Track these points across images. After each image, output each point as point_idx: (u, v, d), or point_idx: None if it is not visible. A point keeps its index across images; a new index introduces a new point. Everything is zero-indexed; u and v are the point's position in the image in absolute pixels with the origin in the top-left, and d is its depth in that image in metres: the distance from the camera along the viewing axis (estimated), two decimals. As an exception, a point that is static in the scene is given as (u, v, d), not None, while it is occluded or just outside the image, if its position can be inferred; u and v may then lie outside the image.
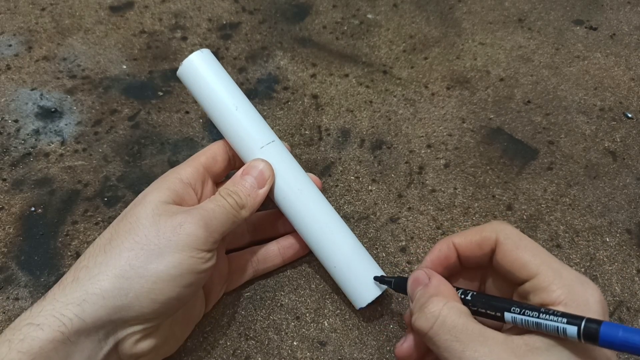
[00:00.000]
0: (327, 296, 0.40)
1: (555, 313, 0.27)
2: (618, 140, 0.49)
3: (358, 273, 0.37)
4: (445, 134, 0.50)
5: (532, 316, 0.27)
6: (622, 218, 0.44)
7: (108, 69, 0.54)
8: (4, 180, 0.46)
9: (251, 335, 0.38)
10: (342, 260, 0.37)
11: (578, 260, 0.42)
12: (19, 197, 0.45)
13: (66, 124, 0.50)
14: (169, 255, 0.31)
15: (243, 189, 0.35)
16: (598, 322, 0.25)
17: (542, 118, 0.51)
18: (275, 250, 0.40)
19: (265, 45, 0.57)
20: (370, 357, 0.37)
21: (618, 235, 0.43)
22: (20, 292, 0.40)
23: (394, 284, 0.35)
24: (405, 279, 0.34)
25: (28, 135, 0.49)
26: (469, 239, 0.32)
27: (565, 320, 0.26)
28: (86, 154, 0.48)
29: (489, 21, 0.60)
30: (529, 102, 0.52)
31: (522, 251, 0.30)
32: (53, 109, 0.51)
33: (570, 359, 0.26)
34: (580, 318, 0.26)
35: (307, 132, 0.50)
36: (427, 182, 0.46)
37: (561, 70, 0.55)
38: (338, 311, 0.39)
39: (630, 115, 0.51)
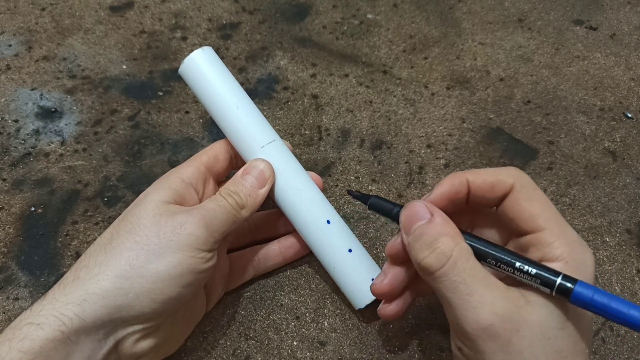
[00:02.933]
0: (327, 296, 0.40)
1: (529, 273, 0.28)
2: (618, 140, 0.49)
3: (358, 274, 0.37)
4: (445, 134, 0.50)
5: (508, 272, 0.29)
6: (622, 218, 0.44)
7: (108, 69, 0.54)
8: (4, 180, 0.46)
9: (251, 335, 0.38)
10: (341, 260, 0.37)
11: (578, 260, 0.42)
12: (19, 197, 0.45)
13: (66, 124, 0.50)
14: (169, 255, 0.31)
15: (243, 189, 0.35)
16: (573, 281, 0.26)
17: (542, 118, 0.51)
18: (276, 250, 0.40)
19: (265, 45, 0.57)
20: (370, 357, 0.37)
21: (618, 235, 0.43)
22: (20, 292, 0.40)
23: (370, 204, 0.34)
24: (383, 200, 0.34)
25: (28, 135, 0.49)
26: (483, 177, 0.31)
27: (538, 280, 0.27)
28: (86, 154, 0.48)
29: (489, 21, 0.60)
30: (529, 102, 0.52)
31: (534, 202, 0.29)
32: (53, 109, 0.51)
33: (560, 314, 0.27)
34: (555, 275, 0.27)
35: (307, 132, 0.50)
36: (427, 182, 0.46)
37: (561, 70, 0.55)
38: (338, 311, 0.39)
39: (630, 115, 0.51)
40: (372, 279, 0.37)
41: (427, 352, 0.37)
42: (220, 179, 0.39)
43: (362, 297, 0.37)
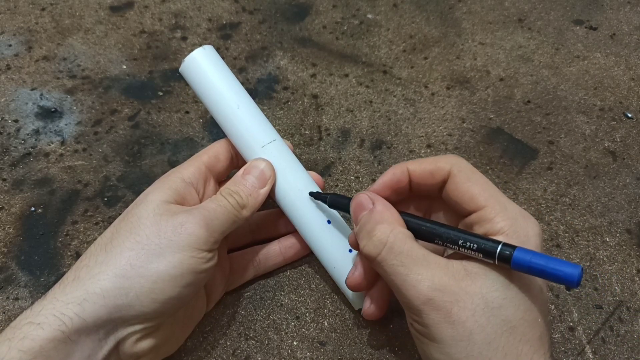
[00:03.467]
0: (327, 296, 0.40)
1: (472, 247, 0.29)
2: (618, 140, 0.49)
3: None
4: (445, 134, 0.50)
5: (453, 249, 0.30)
6: (622, 218, 0.44)
7: (108, 69, 0.54)
8: (4, 180, 0.46)
9: (251, 335, 0.38)
10: (341, 260, 0.37)
11: (578, 260, 0.42)
12: (19, 197, 0.45)
13: (66, 124, 0.50)
14: (169, 255, 0.31)
15: (244, 189, 0.35)
16: (512, 248, 0.28)
17: (542, 118, 0.51)
18: (277, 250, 0.40)
19: (265, 45, 0.57)
20: (370, 357, 0.37)
21: (618, 235, 0.43)
22: (20, 292, 0.40)
23: (329, 201, 0.36)
24: (341, 197, 0.35)
25: (28, 135, 0.49)
26: (423, 166, 0.33)
27: (481, 255, 0.29)
28: (86, 154, 0.48)
29: (489, 21, 0.60)
30: (529, 102, 0.52)
31: (473, 184, 0.31)
32: (53, 109, 0.51)
33: (504, 284, 0.28)
34: (496, 244, 0.28)
35: (307, 132, 0.50)
36: (427, 182, 0.46)
37: (561, 70, 0.55)
38: (338, 311, 0.39)
39: (630, 115, 0.51)
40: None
41: (427, 352, 0.37)
42: (221, 179, 0.39)
43: (362, 297, 0.37)
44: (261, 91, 0.53)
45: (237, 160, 0.40)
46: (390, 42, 0.58)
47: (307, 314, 0.39)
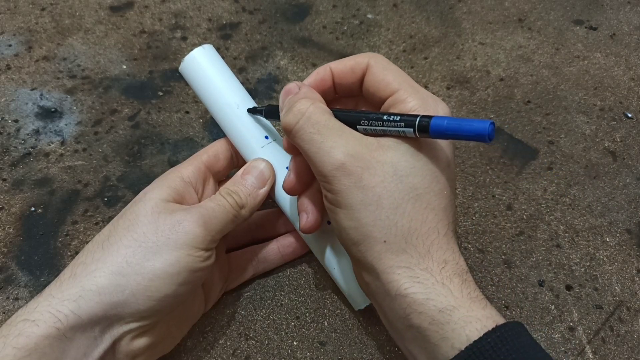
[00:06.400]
0: (327, 296, 0.40)
1: (394, 120, 0.30)
2: (618, 140, 0.49)
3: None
4: (445, 133, 0.50)
5: (378, 125, 0.31)
6: (622, 218, 0.44)
7: (108, 69, 0.54)
8: (4, 180, 0.46)
9: (251, 335, 0.38)
10: (341, 261, 0.37)
11: (578, 260, 0.41)
12: (19, 197, 0.45)
13: (66, 124, 0.50)
14: (166, 252, 0.31)
15: (243, 189, 0.35)
16: (429, 117, 0.29)
17: (542, 118, 0.51)
18: (275, 249, 0.40)
19: (265, 45, 0.57)
20: (370, 357, 0.37)
21: (618, 235, 0.43)
22: (20, 292, 0.40)
23: (265, 112, 0.37)
24: (276, 106, 0.36)
25: (28, 135, 0.49)
26: (344, 63, 0.35)
27: (403, 124, 0.29)
28: (86, 154, 0.48)
29: (489, 21, 0.60)
30: (529, 102, 0.52)
31: (388, 72, 0.33)
32: (53, 109, 0.51)
33: (414, 155, 0.30)
34: (415, 116, 0.29)
35: (307, 132, 0.50)
36: (427, 182, 0.46)
37: (561, 70, 0.55)
38: (338, 311, 0.39)
39: (630, 115, 0.51)
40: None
41: (427, 352, 0.37)
42: (221, 178, 0.40)
43: (362, 297, 0.37)
44: (261, 91, 0.53)
45: (236, 160, 0.40)
46: (390, 42, 0.58)
47: (307, 314, 0.39)
